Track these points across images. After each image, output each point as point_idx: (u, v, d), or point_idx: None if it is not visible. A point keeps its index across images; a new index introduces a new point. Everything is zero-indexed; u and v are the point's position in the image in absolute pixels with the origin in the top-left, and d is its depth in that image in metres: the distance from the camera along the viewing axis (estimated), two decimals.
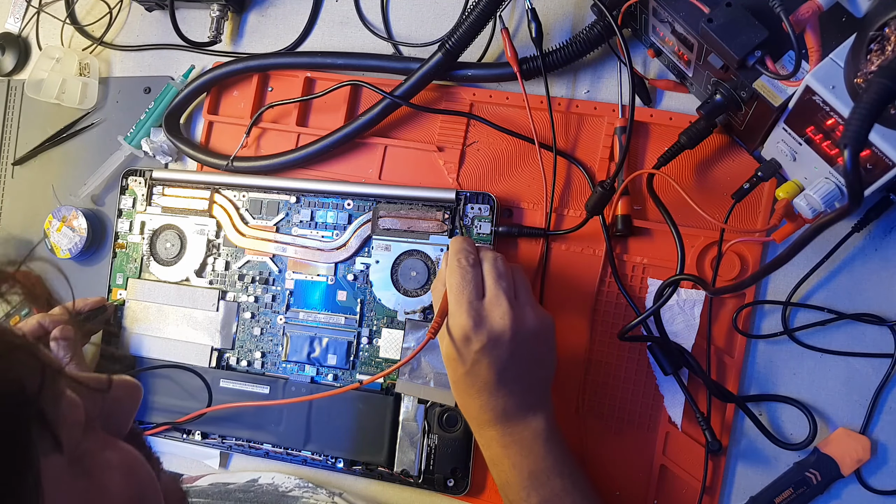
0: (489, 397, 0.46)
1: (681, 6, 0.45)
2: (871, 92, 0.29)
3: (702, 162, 0.55)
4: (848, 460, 0.50)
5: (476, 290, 0.46)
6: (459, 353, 0.46)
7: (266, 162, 0.63)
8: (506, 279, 0.47)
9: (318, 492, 0.56)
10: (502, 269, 0.47)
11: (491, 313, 0.45)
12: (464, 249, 0.48)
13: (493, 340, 0.45)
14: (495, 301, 0.46)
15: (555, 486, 0.46)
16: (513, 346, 0.45)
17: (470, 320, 0.45)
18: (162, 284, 0.64)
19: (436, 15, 0.63)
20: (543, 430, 0.47)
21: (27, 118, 0.75)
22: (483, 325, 0.45)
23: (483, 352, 0.45)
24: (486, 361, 0.45)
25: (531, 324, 0.46)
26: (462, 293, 0.46)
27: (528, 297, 0.48)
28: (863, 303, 0.51)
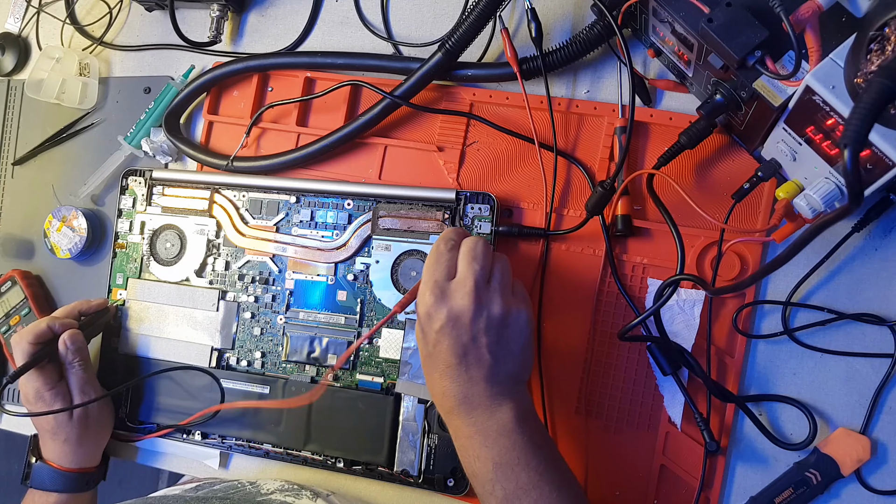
0: (450, 382, 0.46)
1: (681, 6, 0.45)
2: (871, 92, 0.29)
3: (702, 162, 0.55)
4: (848, 460, 0.50)
5: (447, 271, 0.46)
6: (423, 331, 0.46)
7: (266, 162, 0.63)
8: (480, 263, 0.46)
9: (301, 495, 0.56)
10: (479, 253, 0.47)
11: (455, 293, 0.45)
12: (446, 237, 0.49)
13: (452, 319, 0.45)
14: (462, 282, 0.46)
15: (521, 479, 0.44)
16: (474, 328, 0.45)
17: (432, 297, 0.45)
18: (162, 284, 0.64)
19: (436, 15, 0.63)
20: (509, 422, 0.45)
21: (27, 118, 0.75)
22: (444, 302, 0.45)
23: (443, 331, 0.45)
24: (446, 342, 0.45)
25: (497, 310, 0.46)
26: (432, 273, 0.46)
27: (502, 285, 0.47)
28: (863, 303, 0.51)
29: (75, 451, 0.60)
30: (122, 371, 0.64)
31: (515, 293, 0.48)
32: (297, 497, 0.55)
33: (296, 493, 0.56)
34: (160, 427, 0.63)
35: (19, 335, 0.58)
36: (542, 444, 0.46)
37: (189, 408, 0.62)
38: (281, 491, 0.56)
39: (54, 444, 0.59)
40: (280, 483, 0.58)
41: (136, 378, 0.63)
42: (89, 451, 0.61)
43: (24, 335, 0.58)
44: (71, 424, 0.59)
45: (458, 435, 0.47)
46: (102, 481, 0.64)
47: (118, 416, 0.64)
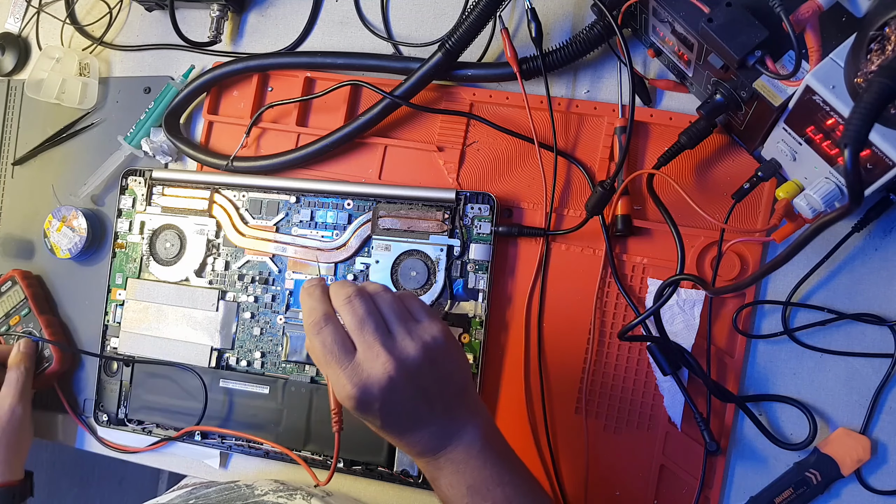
0: (410, 436, 0.43)
1: (681, 6, 0.45)
2: (872, 92, 0.29)
3: (702, 162, 0.55)
4: (848, 460, 0.50)
5: (343, 349, 0.41)
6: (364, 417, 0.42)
7: (266, 162, 0.63)
8: (369, 320, 0.41)
9: (295, 496, 0.55)
10: (361, 309, 0.42)
11: (371, 369, 0.40)
12: (312, 308, 0.42)
13: (387, 394, 0.40)
14: (369, 353, 0.40)
15: (496, 497, 0.42)
16: (410, 385, 0.41)
17: (353, 388, 0.40)
18: (162, 284, 0.64)
19: (436, 15, 0.63)
20: (475, 443, 0.43)
21: (27, 118, 0.75)
22: (368, 386, 0.40)
23: (384, 407, 0.41)
24: (391, 413, 0.41)
25: (418, 354, 0.41)
26: (329, 362, 0.41)
27: (403, 323, 0.42)
28: (863, 303, 0.51)
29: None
30: (121, 371, 0.64)
31: (414, 313, 0.44)
32: (290, 498, 0.55)
33: (289, 493, 0.56)
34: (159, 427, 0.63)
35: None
36: (510, 457, 0.45)
37: (186, 407, 0.62)
38: (274, 492, 0.56)
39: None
40: (274, 484, 0.58)
41: None
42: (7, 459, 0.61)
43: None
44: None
45: (426, 468, 0.45)
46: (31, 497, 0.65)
47: (118, 416, 0.64)
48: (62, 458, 1.50)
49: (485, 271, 0.57)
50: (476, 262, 0.57)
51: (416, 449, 0.43)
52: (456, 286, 0.57)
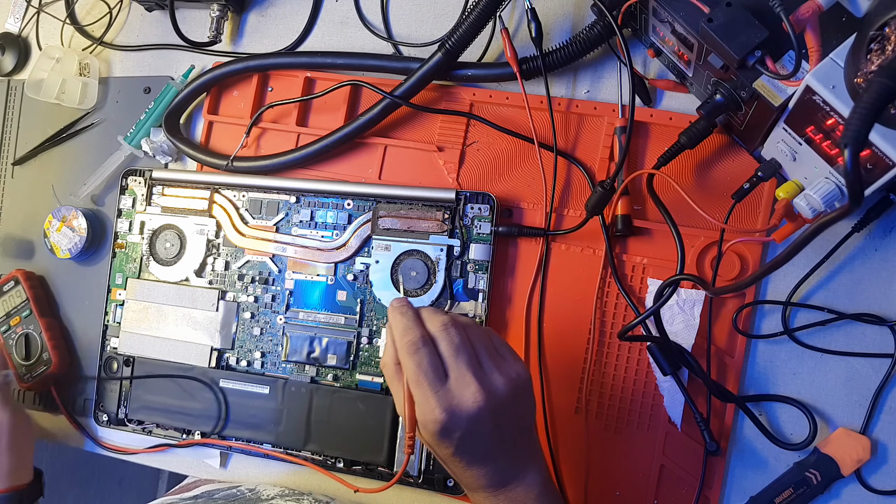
0: (478, 469, 0.43)
1: (681, 6, 0.45)
2: (872, 92, 0.29)
3: (702, 162, 0.55)
4: (848, 460, 0.50)
5: (436, 373, 0.41)
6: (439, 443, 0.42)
7: (266, 162, 0.63)
8: (465, 350, 0.42)
9: (303, 500, 0.56)
10: (456, 338, 0.42)
11: (462, 397, 0.41)
12: (408, 328, 0.43)
13: (472, 423, 0.41)
14: (461, 382, 0.41)
15: None
16: (493, 419, 0.42)
17: (442, 413, 0.40)
18: (162, 284, 0.64)
19: (436, 15, 0.63)
20: (536, 485, 0.44)
21: (27, 118, 0.75)
22: (457, 412, 0.41)
23: (465, 437, 0.41)
24: (469, 443, 0.42)
25: (504, 389, 0.42)
26: (423, 384, 0.41)
27: (494, 357, 0.44)
28: (863, 303, 0.51)
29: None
30: (121, 371, 0.64)
31: (499, 350, 0.45)
32: (298, 502, 0.55)
33: (297, 497, 0.56)
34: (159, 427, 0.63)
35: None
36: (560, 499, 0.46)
37: (188, 408, 0.62)
38: (282, 496, 0.56)
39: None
40: (279, 489, 0.58)
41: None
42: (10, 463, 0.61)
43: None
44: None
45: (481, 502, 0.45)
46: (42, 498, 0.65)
47: (118, 416, 0.64)
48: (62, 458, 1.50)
49: (485, 271, 0.57)
50: (476, 262, 0.57)
51: (479, 482, 0.43)
52: (456, 286, 0.57)
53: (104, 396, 0.65)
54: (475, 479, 0.44)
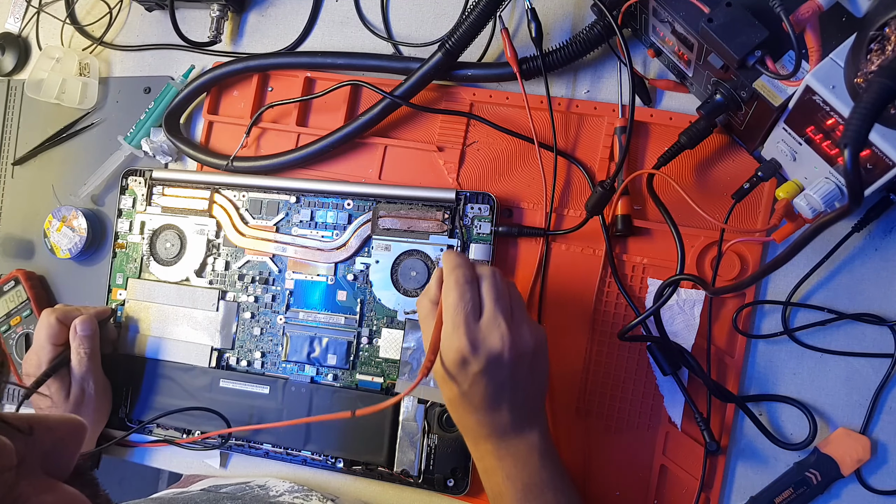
0: (486, 415, 0.45)
1: (681, 6, 0.45)
2: (872, 92, 0.29)
3: (702, 162, 0.55)
4: (848, 460, 0.50)
5: (474, 310, 0.44)
6: (454, 374, 0.44)
7: (266, 162, 0.63)
8: (504, 299, 0.45)
9: (311, 497, 0.56)
10: (501, 287, 0.46)
11: (489, 335, 0.44)
12: (460, 265, 0.46)
13: (491, 363, 0.44)
14: (493, 322, 0.44)
15: (548, 499, 0.46)
16: (511, 367, 0.44)
17: (468, 343, 0.43)
18: (162, 284, 0.64)
19: (436, 15, 0.63)
20: (539, 444, 0.47)
21: (27, 118, 0.75)
22: (481, 347, 0.43)
23: (481, 374, 0.44)
24: (483, 382, 0.44)
25: (528, 343, 0.45)
26: (459, 313, 0.44)
27: (523, 314, 0.47)
28: (863, 303, 0.51)
29: None
30: (122, 371, 0.64)
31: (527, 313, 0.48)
32: (306, 500, 0.55)
33: (305, 494, 0.56)
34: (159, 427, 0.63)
35: (44, 336, 0.59)
36: (563, 468, 0.48)
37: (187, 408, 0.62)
38: (290, 492, 0.56)
39: None
40: (289, 485, 0.58)
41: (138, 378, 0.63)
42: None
43: (47, 336, 0.59)
44: (65, 406, 0.59)
45: (484, 457, 0.47)
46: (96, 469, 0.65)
47: (118, 417, 0.64)
48: None
49: None
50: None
51: (485, 429, 0.46)
52: None
53: None
54: (479, 425, 0.46)
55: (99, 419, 0.62)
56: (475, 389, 0.44)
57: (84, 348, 0.60)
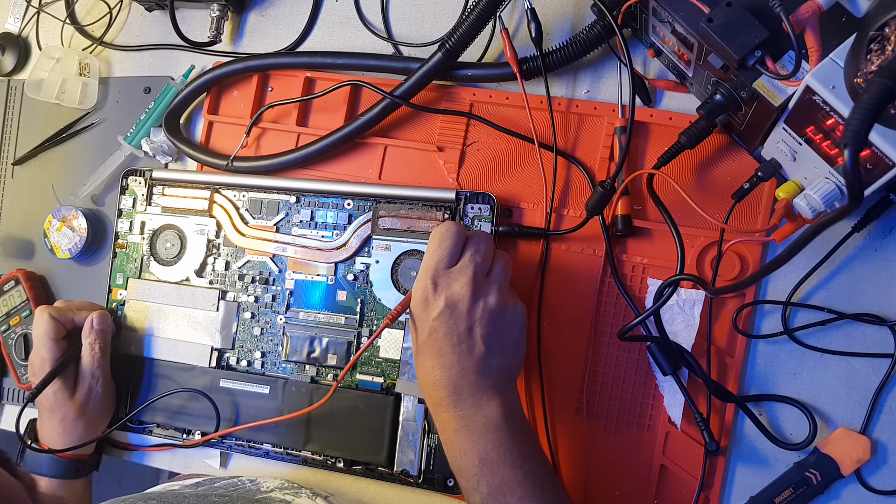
0: (441, 371, 0.45)
1: (681, 6, 0.45)
2: (871, 92, 0.29)
3: (702, 162, 0.55)
4: (848, 460, 0.50)
5: (449, 258, 0.46)
6: (418, 319, 0.45)
7: (266, 162, 0.63)
8: (482, 255, 0.46)
9: (300, 493, 0.56)
10: (483, 247, 0.47)
11: (454, 280, 0.45)
12: (452, 224, 0.48)
13: (450, 307, 0.44)
14: (461, 270, 0.45)
15: (506, 475, 0.44)
16: (470, 319, 0.45)
17: (431, 284, 0.45)
18: (162, 284, 0.64)
19: (436, 15, 0.63)
20: (497, 417, 0.45)
21: (27, 118, 0.75)
22: (442, 290, 0.45)
23: (440, 318, 0.44)
24: (441, 329, 0.45)
25: (493, 303, 0.45)
26: (432, 258, 0.46)
27: (501, 280, 0.47)
28: (863, 303, 0.51)
29: (69, 433, 0.59)
30: (122, 371, 0.64)
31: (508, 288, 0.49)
32: (296, 496, 0.55)
33: (295, 491, 0.56)
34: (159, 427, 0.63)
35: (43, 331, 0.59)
36: (528, 442, 0.46)
37: (187, 407, 0.62)
38: (280, 489, 0.56)
39: (51, 423, 0.59)
40: (280, 482, 0.58)
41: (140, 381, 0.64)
42: (84, 435, 0.60)
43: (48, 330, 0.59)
44: (70, 404, 0.59)
45: (444, 428, 0.47)
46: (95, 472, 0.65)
47: (118, 416, 0.64)
48: None
49: None
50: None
51: (441, 391, 0.46)
52: None
53: None
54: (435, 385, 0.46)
55: (102, 419, 0.62)
56: (433, 336, 0.45)
57: (99, 343, 0.60)
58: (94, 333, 0.60)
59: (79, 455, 0.61)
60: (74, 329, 0.61)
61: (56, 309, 0.60)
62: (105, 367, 0.61)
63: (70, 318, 0.60)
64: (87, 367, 0.60)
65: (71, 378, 0.59)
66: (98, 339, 0.60)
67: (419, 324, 0.46)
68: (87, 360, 0.60)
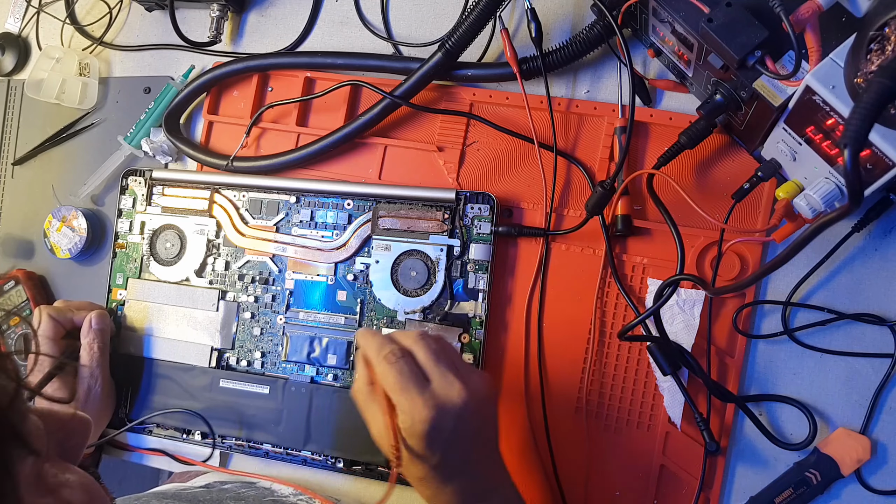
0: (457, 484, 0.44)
1: (681, 6, 0.45)
2: (871, 92, 0.29)
3: (702, 162, 0.55)
4: (848, 460, 0.50)
5: (418, 378, 0.42)
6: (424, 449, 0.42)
7: (266, 162, 0.63)
8: (442, 355, 0.44)
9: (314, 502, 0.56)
10: (434, 345, 0.44)
11: (448, 395, 0.42)
12: (384, 343, 0.44)
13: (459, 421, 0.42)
14: (445, 381, 0.42)
15: None
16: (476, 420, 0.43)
17: (431, 411, 0.41)
18: (162, 284, 0.64)
19: (436, 15, 0.63)
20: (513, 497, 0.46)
21: (27, 118, 0.75)
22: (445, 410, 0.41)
23: (452, 439, 0.42)
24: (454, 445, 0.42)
25: (483, 389, 0.44)
26: (407, 388, 0.42)
27: (465, 364, 0.46)
28: (863, 303, 0.51)
29: None
30: (121, 371, 0.64)
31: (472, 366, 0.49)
32: (310, 502, 0.55)
33: (309, 498, 0.56)
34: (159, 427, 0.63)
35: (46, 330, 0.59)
36: None
37: (187, 407, 0.62)
38: (295, 495, 0.56)
39: None
40: (292, 489, 0.58)
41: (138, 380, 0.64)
42: None
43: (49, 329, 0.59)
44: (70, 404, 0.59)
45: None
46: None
47: (118, 417, 0.64)
48: None
49: (485, 271, 0.57)
50: (476, 262, 0.57)
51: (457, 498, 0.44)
52: (456, 286, 0.57)
53: None
54: (454, 494, 0.44)
55: (102, 419, 0.62)
56: (448, 456, 0.42)
57: (97, 342, 0.60)
58: (92, 333, 0.60)
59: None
60: (74, 329, 0.61)
61: (55, 309, 0.60)
62: (104, 367, 0.61)
63: (69, 318, 0.60)
64: (87, 367, 0.59)
65: (70, 378, 0.59)
66: (97, 339, 0.60)
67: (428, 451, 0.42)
68: (85, 359, 0.60)
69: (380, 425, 0.43)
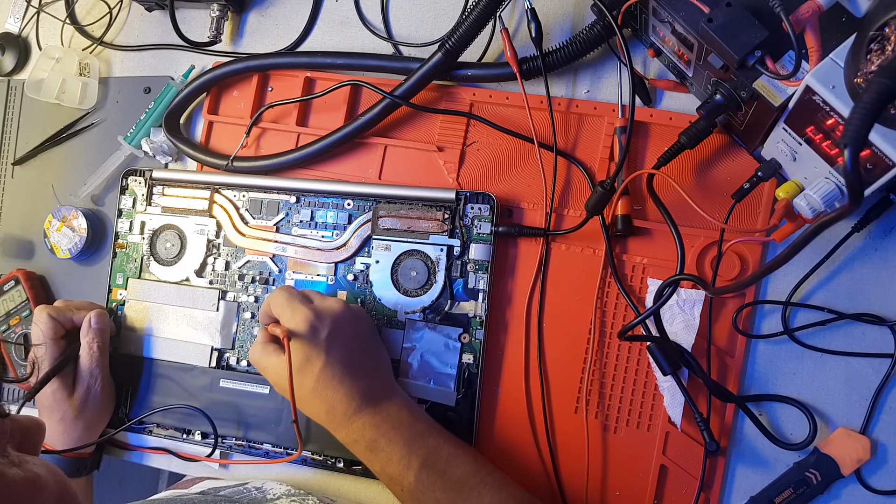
0: (352, 381, 0.50)
1: (681, 6, 0.45)
2: (871, 92, 0.29)
3: (702, 162, 0.55)
4: (848, 460, 0.50)
5: (303, 298, 0.52)
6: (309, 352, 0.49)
7: (266, 162, 0.63)
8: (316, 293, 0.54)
9: (307, 500, 0.56)
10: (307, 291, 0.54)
11: (325, 304, 0.51)
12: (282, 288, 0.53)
13: (336, 322, 0.50)
14: (322, 300, 0.52)
15: (430, 443, 0.50)
16: (352, 327, 0.51)
17: (310, 312, 0.49)
18: (162, 284, 0.64)
19: (436, 15, 0.63)
20: (404, 403, 0.52)
21: (27, 118, 0.75)
22: (322, 312, 0.50)
23: (332, 336, 0.49)
24: (338, 345, 0.50)
25: (358, 310, 0.54)
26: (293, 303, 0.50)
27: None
28: (863, 303, 0.51)
29: (69, 432, 0.59)
30: (121, 371, 0.64)
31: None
32: (303, 502, 0.55)
33: (302, 498, 0.56)
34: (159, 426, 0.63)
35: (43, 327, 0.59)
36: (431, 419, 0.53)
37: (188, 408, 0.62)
38: (287, 496, 0.56)
39: (50, 422, 0.59)
40: (286, 488, 0.58)
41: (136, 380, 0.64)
42: (83, 434, 0.60)
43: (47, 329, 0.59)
44: (69, 403, 0.59)
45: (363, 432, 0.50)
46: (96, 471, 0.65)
47: (118, 416, 0.64)
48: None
49: (485, 271, 0.57)
50: (476, 262, 0.57)
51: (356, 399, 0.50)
52: (456, 286, 0.57)
53: None
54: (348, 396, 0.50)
55: (101, 418, 0.62)
56: (333, 355, 0.49)
57: (97, 342, 0.60)
58: (92, 332, 0.60)
59: (79, 454, 0.61)
60: (73, 328, 0.61)
61: (55, 308, 0.60)
62: (104, 367, 0.61)
63: (69, 318, 0.60)
64: (86, 367, 0.60)
65: (70, 377, 0.59)
66: (96, 338, 0.60)
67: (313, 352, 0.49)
68: (85, 359, 0.60)
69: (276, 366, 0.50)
